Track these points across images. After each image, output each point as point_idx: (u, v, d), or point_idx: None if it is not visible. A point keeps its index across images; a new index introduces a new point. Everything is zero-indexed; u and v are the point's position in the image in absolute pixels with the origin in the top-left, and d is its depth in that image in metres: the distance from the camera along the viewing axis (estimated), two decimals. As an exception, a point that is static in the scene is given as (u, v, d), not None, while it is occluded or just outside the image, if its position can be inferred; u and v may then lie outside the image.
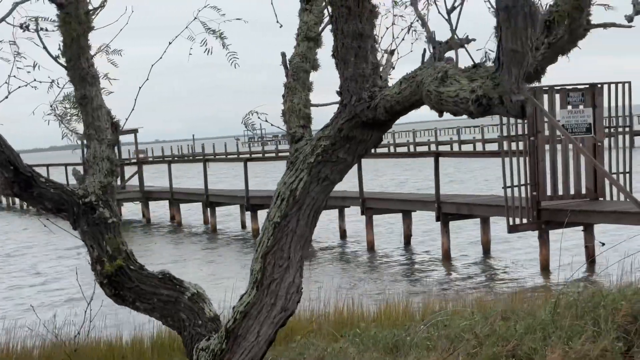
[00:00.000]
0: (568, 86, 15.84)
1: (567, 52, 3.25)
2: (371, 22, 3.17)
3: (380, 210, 19.71)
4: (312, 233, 3.51)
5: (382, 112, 3.08)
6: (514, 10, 2.40)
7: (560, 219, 15.30)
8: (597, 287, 8.01)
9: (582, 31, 3.15)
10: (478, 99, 2.59)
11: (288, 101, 3.52)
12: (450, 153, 18.54)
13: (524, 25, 2.41)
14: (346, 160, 3.31)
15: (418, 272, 16.60)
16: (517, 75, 2.51)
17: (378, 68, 3.22)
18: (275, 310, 3.29)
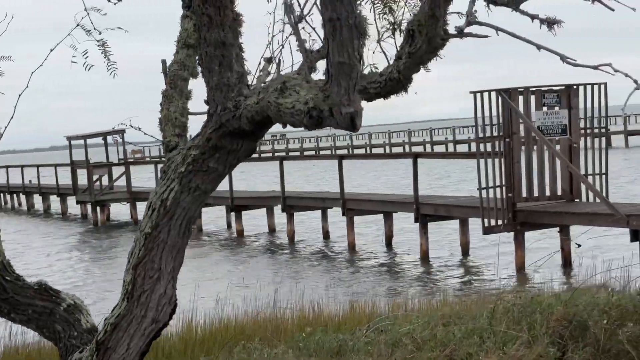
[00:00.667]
0: (543, 87, 15.81)
1: (427, 61, 3.21)
2: (235, 30, 3.14)
3: (361, 211, 19.67)
4: (185, 243, 3.47)
5: (246, 122, 3.05)
6: (338, 22, 2.36)
7: (535, 220, 15.31)
8: (550, 290, 7.96)
9: (439, 41, 3.11)
10: (309, 111, 2.55)
11: (165, 109, 3.49)
12: (429, 154, 18.47)
13: (350, 37, 2.38)
14: (217, 169, 3.27)
15: (393, 273, 16.57)
16: (347, 87, 2.48)
17: (244, 77, 3.18)
18: (146, 322, 3.25)
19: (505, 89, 15.48)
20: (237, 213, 23.82)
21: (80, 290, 16.81)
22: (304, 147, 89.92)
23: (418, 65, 3.15)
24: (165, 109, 3.48)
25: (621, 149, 56.71)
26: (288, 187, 22.67)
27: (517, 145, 15.50)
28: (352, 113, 2.50)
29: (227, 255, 20.64)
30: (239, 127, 3.09)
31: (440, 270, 16.64)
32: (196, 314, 9.63)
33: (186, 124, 3.50)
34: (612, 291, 6.59)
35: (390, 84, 3.20)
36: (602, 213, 13.98)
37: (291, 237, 21.70)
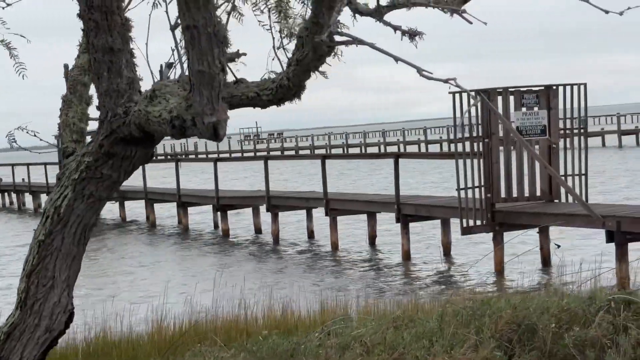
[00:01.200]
0: (522, 88, 15.78)
1: (314, 68, 3.17)
2: (124, 35, 3.09)
3: (344, 211, 19.64)
4: (82, 251, 3.43)
5: (135, 128, 3.00)
6: (196, 30, 2.32)
7: (513, 221, 15.29)
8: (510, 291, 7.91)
9: (325, 48, 3.07)
10: (172, 120, 2.52)
11: (63, 115, 3.45)
12: (411, 154, 18.43)
13: (209, 46, 2.34)
14: (111, 176, 3.23)
15: (373, 273, 16.54)
16: (210, 97, 2.44)
17: (135, 83, 3.14)
18: (40, 331, 3.21)
19: (484, 89, 15.46)
20: (223, 213, 23.79)
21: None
22: (299, 146, 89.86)
23: (306, 72, 3.11)
24: (64, 115, 3.44)
25: (614, 149, 56.75)
26: (291, 186, 22.67)
27: (496, 146, 15.47)
28: (214, 122, 2.46)
29: (208, 255, 20.59)
30: (130, 133, 3.05)
31: (420, 271, 16.60)
32: (166, 315, 9.61)
33: (84, 130, 3.46)
34: (563, 295, 6.55)
35: (281, 91, 3.16)
36: (578, 214, 13.95)
37: (276, 237, 21.66)
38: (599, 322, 5.91)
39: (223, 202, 23.67)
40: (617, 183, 31.76)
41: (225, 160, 28.11)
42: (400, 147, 70.76)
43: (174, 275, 17.70)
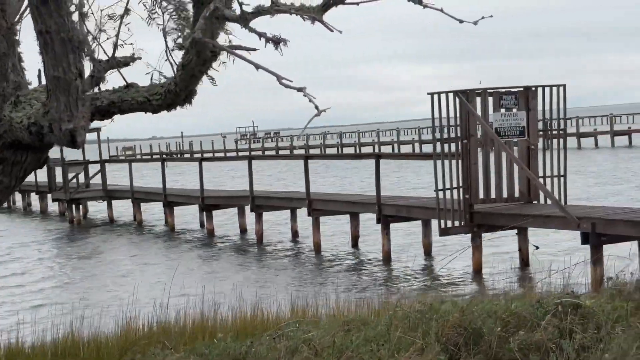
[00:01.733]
0: (501, 89, 15.78)
1: (200, 73, 3.16)
2: (9, 39, 3.08)
3: (326, 211, 19.64)
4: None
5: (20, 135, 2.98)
6: (49, 35, 2.31)
7: (491, 222, 15.31)
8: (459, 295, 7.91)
9: (208, 53, 3.06)
10: (29, 126, 2.51)
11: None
12: (390, 155, 18.39)
13: (64, 51, 2.33)
14: (2, 182, 3.20)
15: (352, 274, 16.54)
16: (67, 103, 2.43)
17: (22, 87, 3.11)
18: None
19: (463, 90, 15.47)
20: (208, 212, 23.79)
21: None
22: (294, 145, 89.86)
23: (192, 77, 3.10)
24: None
25: (607, 149, 56.80)
26: (287, 186, 22.64)
27: (474, 147, 15.48)
28: (71, 129, 2.45)
29: (191, 255, 20.58)
30: (17, 138, 3.03)
31: (399, 272, 16.61)
32: (137, 316, 9.61)
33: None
34: (512, 298, 6.56)
35: (169, 96, 3.15)
36: (554, 215, 13.97)
37: (259, 237, 21.67)
38: (545, 326, 5.91)
39: (208, 202, 23.67)
40: (605, 184, 31.84)
41: (209, 160, 27.94)
42: (394, 147, 71.13)
43: (154, 276, 17.69)
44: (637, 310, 6.18)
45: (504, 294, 6.98)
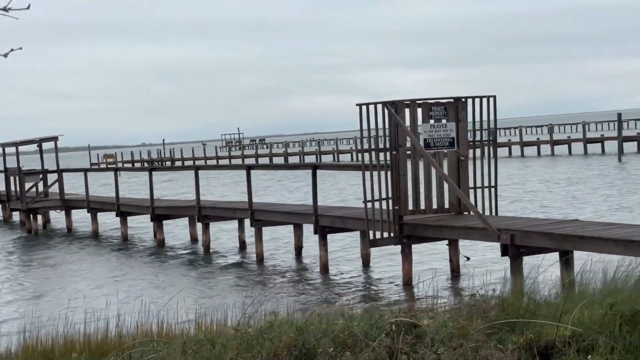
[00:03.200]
0: (430, 100, 15.78)
1: None
2: None
3: (268, 222, 19.59)
4: None
5: None
6: None
7: (419, 233, 15.29)
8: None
9: None
10: None
11: None
12: (326, 165, 18.38)
13: None
14: None
15: (285, 286, 16.47)
16: None
17: None
18: None
19: (392, 101, 15.46)
20: (158, 222, 23.71)
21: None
22: (272, 153, 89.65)
23: None
24: None
25: (580, 156, 56.98)
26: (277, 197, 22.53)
27: (403, 158, 15.46)
28: None
29: (135, 266, 20.47)
30: None
31: (332, 282, 16.55)
32: (39, 330, 9.53)
33: None
34: (350, 317, 6.51)
35: None
36: (477, 227, 13.96)
37: (206, 247, 21.60)
38: (375, 347, 5.88)
39: (158, 212, 23.58)
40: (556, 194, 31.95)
41: (160, 169, 27.84)
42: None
43: (87, 285, 17.58)
44: (476, 328, 6.14)
45: (346, 311, 6.89)
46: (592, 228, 12.68)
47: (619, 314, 5.87)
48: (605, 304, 6.11)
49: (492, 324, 6.08)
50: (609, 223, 13.96)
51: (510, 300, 7.05)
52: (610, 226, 12.98)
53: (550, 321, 6.27)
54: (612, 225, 13.27)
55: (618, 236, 11.66)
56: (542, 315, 6.53)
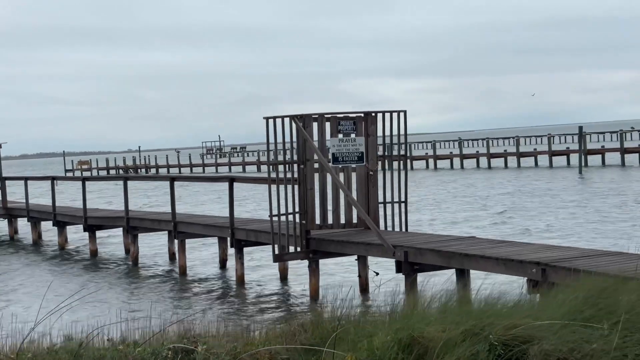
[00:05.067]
0: (339, 114, 15.71)
1: None
2: None
3: (191, 234, 19.46)
4: None
5: None
6: None
7: (324, 248, 15.20)
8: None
9: None
10: None
11: None
12: (243, 178, 18.26)
13: None
14: None
15: (198, 298, 16.32)
16: None
17: None
18: None
19: (300, 115, 15.38)
20: (91, 233, 23.53)
21: None
22: (245, 162, 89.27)
23: None
24: None
25: (546, 168, 57.12)
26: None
27: (310, 172, 15.38)
28: None
29: (62, 276, 20.27)
30: None
31: (246, 297, 16.43)
32: None
33: None
34: (133, 342, 6.38)
35: None
36: (375, 243, 13.89)
37: (134, 258, 21.43)
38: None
39: (90, 222, 23.40)
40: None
41: (92, 179, 27.58)
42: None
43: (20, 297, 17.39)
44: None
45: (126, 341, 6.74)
46: (481, 246, 12.63)
47: (396, 340, 5.79)
48: (393, 329, 6.02)
49: (270, 348, 5.98)
50: (502, 241, 13.91)
51: (325, 322, 6.95)
52: (501, 244, 12.94)
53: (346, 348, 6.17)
54: (503, 243, 13.23)
55: (499, 255, 11.61)
56: (346, 339, 6.42)
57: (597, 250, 11.89)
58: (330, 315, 7.15)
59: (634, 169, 50.42)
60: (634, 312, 5.90)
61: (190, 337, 6.02)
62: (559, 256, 11.10)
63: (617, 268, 10.00)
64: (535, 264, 10.86)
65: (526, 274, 10.98)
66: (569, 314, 6.00)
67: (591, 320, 5.92)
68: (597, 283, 6.46)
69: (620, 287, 6.28)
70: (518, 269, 11.15)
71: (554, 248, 12.16)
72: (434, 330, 5.82)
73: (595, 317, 5.97)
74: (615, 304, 5.96)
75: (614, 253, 11.43)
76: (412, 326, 5.88)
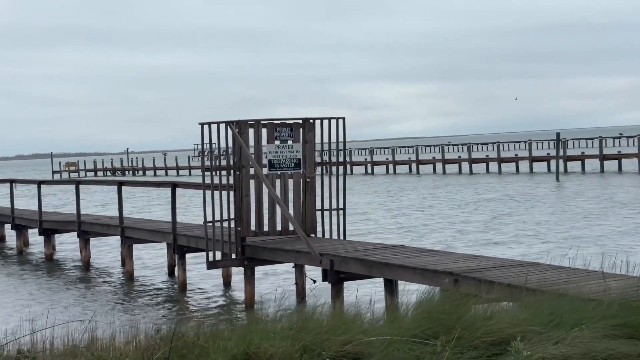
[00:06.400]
0: (276, 120, 15.61)
1: None
2: None
3: (138, 239, 19.33)
4: None
5: None
6: None
7: (258, 255, 15.08)
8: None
9: None
10: None
11: None
12: (185, 184, 18.11)
13: None
14: None
15: (141, 306, 16.18)
16: None
17: None
18: None
19: (235, 121, 15.28)
20: (47, 237, 23.38)
21: None
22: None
23: None
24: None
25: (526, 174, 57.04)
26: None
27: (246, 179, 15.28)
28: None
29: (8, 280, 20.15)
30: None
31: (185, 303, 16.31)
32: None
33: None
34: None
35: None
36: (305, 251, 13.78)
37: (86, 263, 21.30)
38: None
39: (45, 227, 23.26)
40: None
41: (49, 182, 27.31)
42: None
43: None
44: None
45: None
46: (405, 255, 12.54)
47: (230, 357, 5.68)
48: (233, 344, 5.91)
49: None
50: (429, 250, 13.78)
51: (184, 336, 6.83)
52: (426, 253, 12.84)
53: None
54: (429, 252, 13.12)
55: (416, 264, 11.52)
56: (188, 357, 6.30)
57: (514, 261, 11.80)
58: (196, 329, 7.03)
59: (611, 176, 50.38)
60: (473, 327, 5.80)
61: (25, 351, 5.90)
62: (473, 266, 11.01)
63: (524, 279, 9.93)
64: (449, 274, 10.78)
65: (440, 284, 10.88)
66: (411, 330, 5.90)
67: (433, 336, 5.83)
68: (449, 299, 6.36)
69: (465, 303, 6.18)
70: (432, 279, 11.05)
71: (474, 258, 12.07)
72: (269, 346, 5.71)
73: (437, 332, 5.88)
74: (454, 320, 5.85)
75: (528, 264, 11.32)
76: (249, 342, 5.77)
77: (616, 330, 5.41)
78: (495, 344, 5.53)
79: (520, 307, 6.39)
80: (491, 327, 5.65)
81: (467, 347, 5.59)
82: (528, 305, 6.34)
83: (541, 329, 5.52)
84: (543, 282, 9.68)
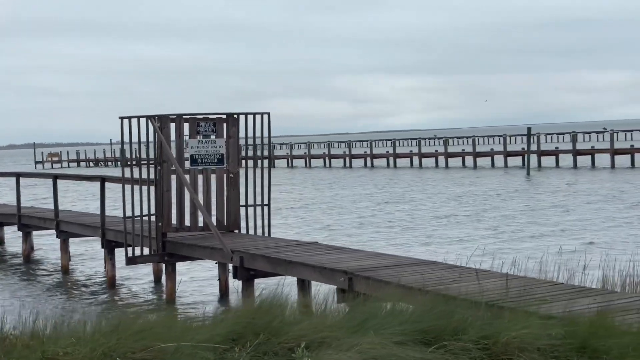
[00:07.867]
0: (199, 115, 15.41)
1: None
2: None
3: (72, 233, 19.10)
4: None
5: None
6: None
7: (179, 251, 14.91)
8: None
9: None
10: None
11: None
12: (113, 179, 17.87)
13: None
14: None
15: (62, 298, 15.99)
16: None
17: None
18: None
19: (156, 115, 15.07)
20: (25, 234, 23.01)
21: None
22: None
23: None
24: None
25: (501, 168, 56.96)
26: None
27: (167, 173, 15.08)
28: None
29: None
30: None
31: (116, 297, 16.11)
32: None
33: None
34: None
35: None
36: (218, 247, 13.60)
37: (26, 256, 21.08)
38: None
39: (24, 222, 22.86)
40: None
41: (28, 175, 26.43)
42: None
43: None
44: None
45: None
46: (312, 252, 12.36)
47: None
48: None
49: None
50: (340, 247, 13.56)
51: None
52: (334, 251, 12.67)
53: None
54: (339, 249, 12.94)
55: (315, 262, 11.35)
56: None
57: (414, 259, 11.62)
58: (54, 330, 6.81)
59: (584, 171, 50.32)
60: (280, 332, 5.63)
61: None
62: (369, 265, 10.84)
63: (413, 279, 9.79)
64: (343, 273, 10.61)
65: (336, 283, 10.73)
66: (221, 335, 5.73)
67: (239, 342, 5.66)
68: (268, 302, 6.19)
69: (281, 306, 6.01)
70: (330, 277, 10.90)
71: (376, 256, 11.90)
72: (66, 352, 5.53)
73: (245, 337, 5.71)
74: (263, 325, 5.69)
75: (426, 262, 11.17)
76: (45, 347, 5.59)
77: (412, 335, 5.25)
78: (294, 350, 5.36)
79: (339, 311, 6.23)
80: (295, 332, 5.48)
81: (267, 353, 5.42)
82: (353, 309, 6.17)
83: (343, 335, 5.36)
84: (428, 281, 9.55)
